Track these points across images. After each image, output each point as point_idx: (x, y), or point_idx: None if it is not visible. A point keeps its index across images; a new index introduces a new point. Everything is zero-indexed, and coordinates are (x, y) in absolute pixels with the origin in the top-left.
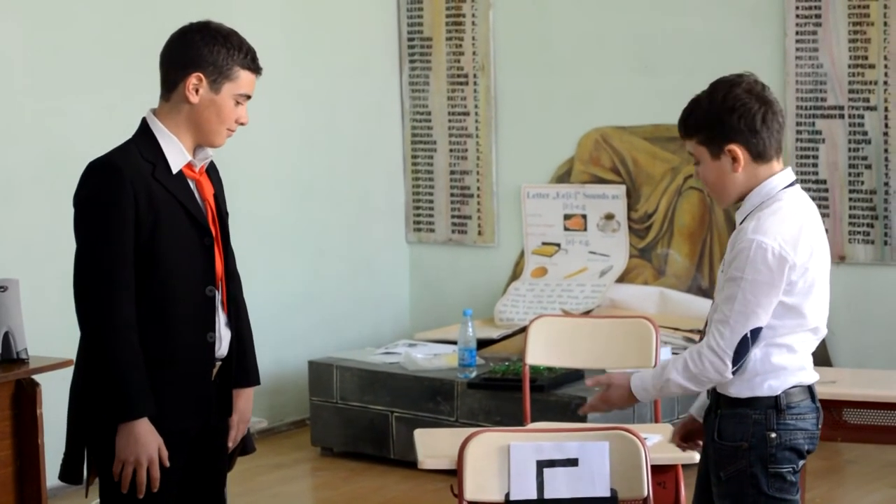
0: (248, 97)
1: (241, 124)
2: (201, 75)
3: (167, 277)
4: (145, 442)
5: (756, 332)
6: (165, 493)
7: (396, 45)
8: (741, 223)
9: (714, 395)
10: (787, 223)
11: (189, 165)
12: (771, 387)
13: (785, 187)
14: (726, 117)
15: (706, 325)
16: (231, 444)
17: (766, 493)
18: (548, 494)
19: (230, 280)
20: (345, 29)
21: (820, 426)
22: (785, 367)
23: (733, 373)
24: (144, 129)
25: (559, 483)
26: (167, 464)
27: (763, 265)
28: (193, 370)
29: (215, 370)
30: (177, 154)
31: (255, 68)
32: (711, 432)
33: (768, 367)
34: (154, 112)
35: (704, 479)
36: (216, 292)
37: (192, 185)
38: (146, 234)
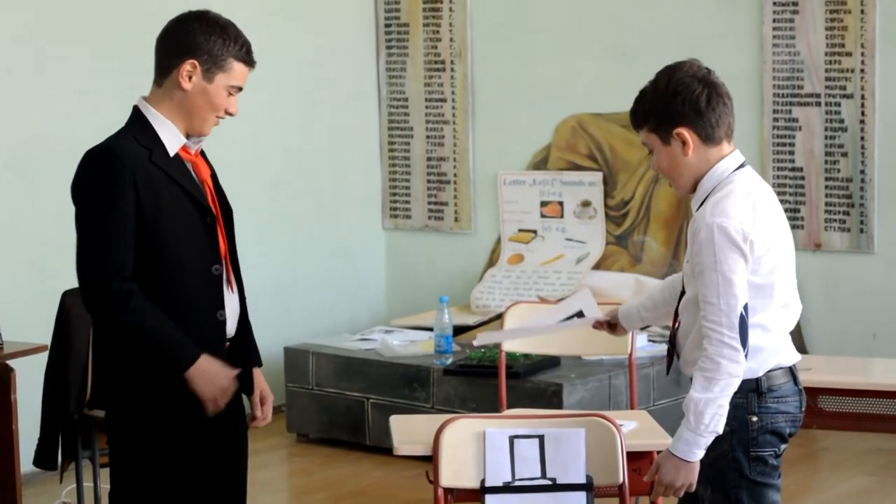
0: (240, 89)
1: (230, 114)
2: (196, 62)
3: (174, 259)
4: (217, 371)
5: (746, 308)
6: (177, 475)
7: (373, 31)
8: (696, 210)
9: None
10: (741, 203)
11: (185, 148)
12: (750, 369)
13: (735, 169)
14: (671, 102)
15: (676, 317)
16: (265, 421)
17: (748, 478)
18: (522, 481)
19: (235, 259)
20: (321, 14)
21: (803, 409)
22: (761, 348)
23: (745, 356)
24: (137, 116)
25: (534, 469)
26: (235, 370)
27: (729, 243)
28: (205, 348)
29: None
30: (172, 137)
31: (249, 61)
32: None
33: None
34: (146, 99)
35: None
36: (222, 269)
37: (188, 167)
38: (149, 220)
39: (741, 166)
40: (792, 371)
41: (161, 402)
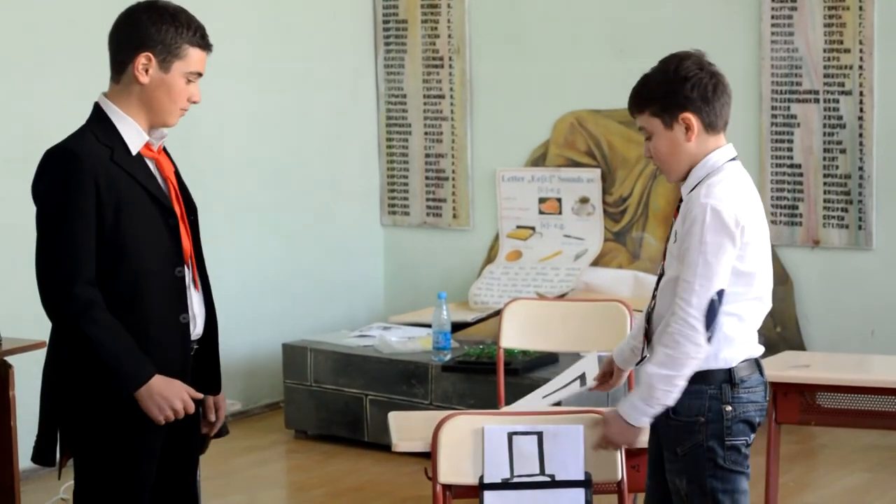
0: (200, 75)
1: (194, 102)
2: (150, 55)
3: (135, 262)
4: (169, 392)
5: (721, 294)
6: (143, 477)
7: (372, 28)
8: (688, 194)
9: None
10: (734, 190)
11: (147, 145)
12: (725, 359)
13: (728, 160)
14: (679, 87)
15: (653, 298)
16: (219, 424)
17: (722, 467)
18: (521, 477)
19: (201, 257)
20: (320, 11)
21: (768, 398)
22: (735, 339)
23: (708, 339)
24: (98, 114)
25: (533, 466)
26: (197, 395)
27: (720, 226)
28: (169, 353)
29: (192, 353)
30: (134, 135)
31: (204, 45)
32: (666, 410)
33: (720, 337)
34: (106, 95)
35: (657, 460)
36: (186, 272)
37: (151, 165)
38: (110, 221)
39: (732, 159)
40: (758, 362)
41: (127, 410)
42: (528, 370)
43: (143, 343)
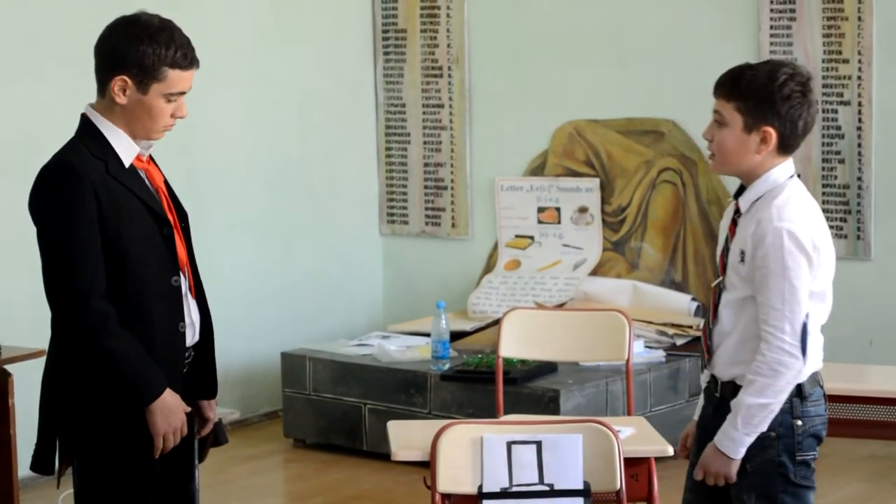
0: (184, 93)
1: (180, 118)
2: (125, 78)
3: (135, 274)
4: (176, 408)
5: (807, 317)
6: (147, 488)
7: (371, 37)
8: (748, 209)
9: (731, 388)
10: (804, 210)
11: (138, 156)
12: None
13: (789, 177)
14: (779, 102)
15: (714, 310)
16: (208, 429)
17: (793, 482)
18: (520, 487)
19: (194, 264)
20: (319, 20)
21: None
22: (809, 355)
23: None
24: (88, 126)
25: (532, 475)
26: (186, 409)
27: (799, 250)
28: (168, 362)
29: (188, 360)
30: (126, 147)
31: (186, 65)
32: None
33: None
34: (93, 107)
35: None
36: (182, 281)
37: (142, 175)
38: (111, 234)
39: (791, 176)
40: (818, 375)
41: (129, 426)
42: (527, 379)
43: (148, 353)
